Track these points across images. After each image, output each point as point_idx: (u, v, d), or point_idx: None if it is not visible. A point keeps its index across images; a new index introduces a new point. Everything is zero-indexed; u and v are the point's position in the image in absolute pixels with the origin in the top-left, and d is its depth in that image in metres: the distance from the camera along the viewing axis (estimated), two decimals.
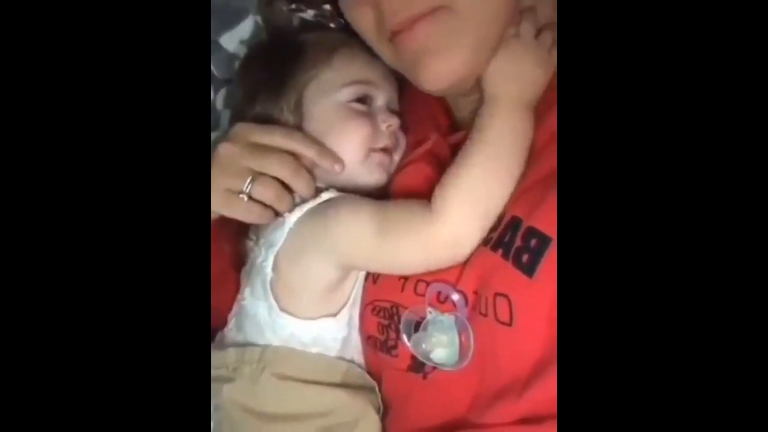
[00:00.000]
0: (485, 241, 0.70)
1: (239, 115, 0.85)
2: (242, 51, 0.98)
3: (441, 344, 0.70)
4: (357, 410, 0.76)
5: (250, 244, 0.83)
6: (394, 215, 0.74)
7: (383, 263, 0.76)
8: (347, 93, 0.82)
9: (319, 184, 0.81)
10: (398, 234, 0.72)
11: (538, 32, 0.74)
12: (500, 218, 0.70)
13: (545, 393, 0.63)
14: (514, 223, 0.67)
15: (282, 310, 0.77)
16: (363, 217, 0.74)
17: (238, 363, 0.77)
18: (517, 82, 0.72)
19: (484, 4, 0.70)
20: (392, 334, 0.75)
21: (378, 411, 0.78)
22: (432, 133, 0.81)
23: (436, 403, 0.72)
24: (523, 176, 0.71)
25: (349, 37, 0.84)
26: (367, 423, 0.77)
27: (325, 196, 0.79)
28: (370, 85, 0.83)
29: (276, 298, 0.77)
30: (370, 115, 0.82)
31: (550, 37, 0.73)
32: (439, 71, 0.72)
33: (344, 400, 0.76)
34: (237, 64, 0.96)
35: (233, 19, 0.99)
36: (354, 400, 0.77)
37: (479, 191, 0.70)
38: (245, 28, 0.99)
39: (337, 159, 0.80)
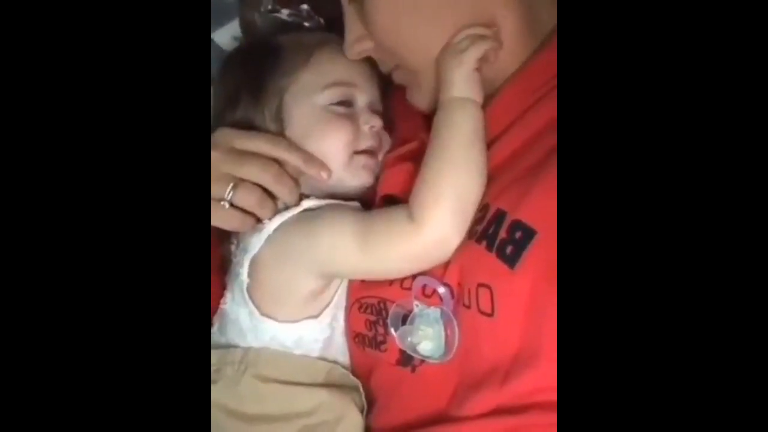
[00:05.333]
0: (470, 234, 0.71)
1: (219, 120, 0.83)
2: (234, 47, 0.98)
3: (427, 337, 0.71)
4: (339, 409, 0.77)
5: (232, 248, 0.83)
6: (376, 227, 0.74)
7: (369, 273, 0.76)
8: (327, 95, 0.81)
9: (303, 190, 0.80)
10: (382, 246, 0.73)
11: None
12: (485, 211, 0.70)
13: (524, 384, 0.65)
14: (499, 216, 0.68)
15: (263, 315, 0.77)
16: (345, 231, 0.74)
17: (220, 365, 0.77)
18: (444, 85, 0.74)
19: (427, 55, 0.76)
20: (380, 330, 0.76)
21: (362, 410, 0.78)
22: (421, 132, 0.81)
23: (423, 396, 0.73)
24: (508, 170, 0.72)
25: (328, 37, 0.85)
26: (349, 421, 0.77)
27: (305, 204, 0.78)
28: (351, 86, 0.82)
29: (256, 304, 0.77)
30: (351, 117, 0.81)
31: (464, 42, 0.73)
32: (415, 103, 0.82)
33: (326, 399, 0.77)
34: None
35: (226, 15, 0.99)
36: (336, 399, 0.77)
37: (449, 188, 0.71)
38: (238, 24, 1.00)
39: (323, 166, 0.79)
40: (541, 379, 0.64)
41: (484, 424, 0.67)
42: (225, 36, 1.00)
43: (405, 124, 0.86)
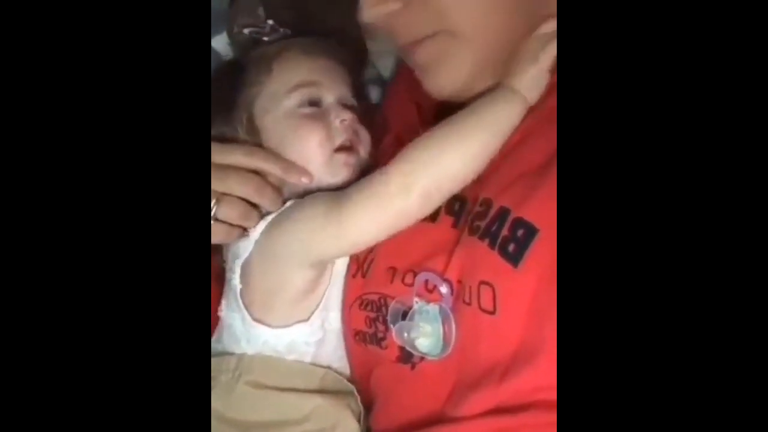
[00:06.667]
0: (472, 230, 0.71)
1: None
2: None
3: (425, 334, 0.71)
4: (334, 415, 0.77)
5: (226, 255, 0.83)
6: (348, 193, 0.74)
7: (344, 241, 0.75)
8: (293, 99, 0.81)
9: (285, 195, 0.81)
10: (353, 201, 0.73)
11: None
12: (487, 207, 0.71)
13: (523, 382, 0.65)
14: (503, 213, 0.69)
15: (255, 320, 0.78)
16: (319, 207, 0.75)
17: (215, 372, 0.78)
18: (510, 72, 0.73)
19: (487, 29, 0.74)
20: (381, 326, 0.76)
21: (358, 417, 0.79)
22: (416, 129, 0.80)
23: (422, 394, 0.73)
24: (513, 167, 0.71)
25: (288, 43, 0.85)
26: (345, 427, 0.77)
27: (287, 205, 0.79)
28: (315, 85, 0.82)
29: (248, 309, 0.78)
30: (321, 115, 0.81)
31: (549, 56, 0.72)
32: (438, 85, 0.78)
33: (320, 406, 0.77)
34: None
35: (225, 22, 0.99)
36: (331, 405, 0.77)
37: (438, 149, 0.72)
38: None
39: (303, 172, 0.79)
40: (541, 377, 0.64)
41: (483, 424, 0.67)
42: (223, 42, 1.00)
43: (399, 121, 0.86)
